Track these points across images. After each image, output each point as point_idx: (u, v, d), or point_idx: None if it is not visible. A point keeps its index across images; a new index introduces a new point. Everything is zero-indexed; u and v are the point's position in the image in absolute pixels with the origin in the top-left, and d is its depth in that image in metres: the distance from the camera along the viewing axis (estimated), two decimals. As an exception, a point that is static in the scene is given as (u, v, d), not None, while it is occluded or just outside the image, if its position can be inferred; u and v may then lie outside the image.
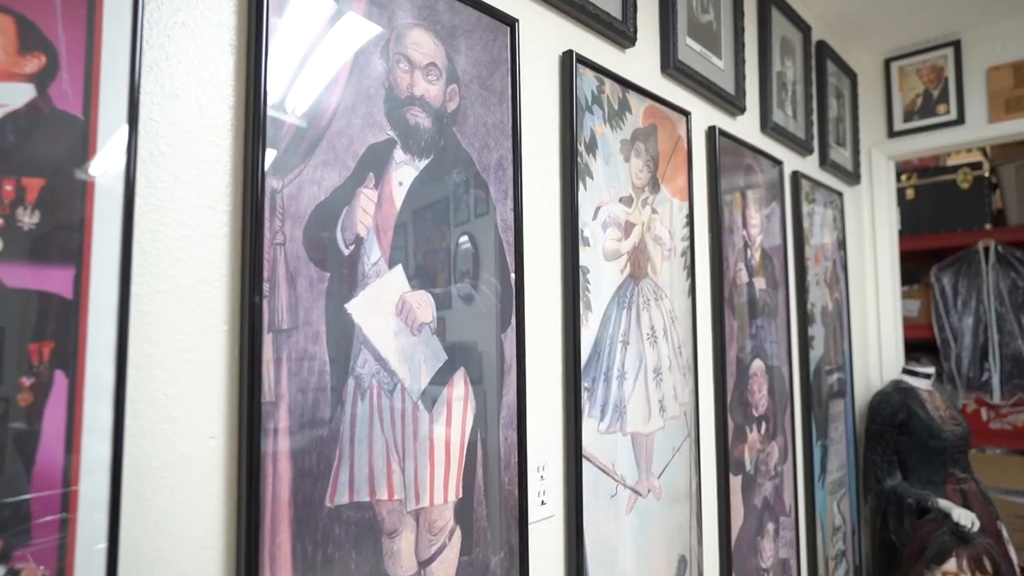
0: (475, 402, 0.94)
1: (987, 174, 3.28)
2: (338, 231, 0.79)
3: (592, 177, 1.19)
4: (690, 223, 1.46)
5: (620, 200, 1.26)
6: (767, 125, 1.85)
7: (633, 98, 1.31)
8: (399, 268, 0.85)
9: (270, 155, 0.73)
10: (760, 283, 1.73)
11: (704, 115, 1.59)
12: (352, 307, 0.80)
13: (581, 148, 1.17)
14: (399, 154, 0.87)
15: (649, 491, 1.27)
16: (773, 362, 1.77)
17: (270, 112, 0.73)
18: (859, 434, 2.39)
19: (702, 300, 1.52)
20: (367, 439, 0.80)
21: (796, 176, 2.00)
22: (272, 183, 0.73)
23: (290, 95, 0.75)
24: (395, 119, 0.87)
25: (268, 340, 0.71)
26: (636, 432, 1.25)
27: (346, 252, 0.80)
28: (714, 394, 1.54)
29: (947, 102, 2.44)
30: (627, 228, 1.27)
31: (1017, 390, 3.10)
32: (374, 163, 0.83)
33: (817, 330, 2.05)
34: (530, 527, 1.03)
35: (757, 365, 1.68)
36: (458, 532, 0.90)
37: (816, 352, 2.03)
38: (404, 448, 0.84)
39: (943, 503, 2.06)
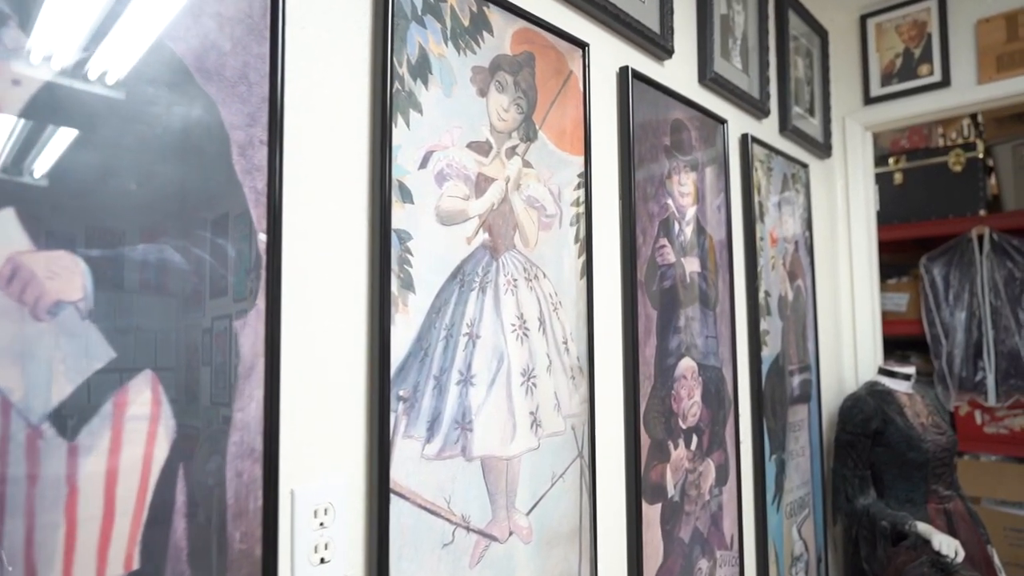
0: (174, 421, 0.63)
1: (981, 156, 2.99)
2: None
3: (421, 111, 0.88)
4: (586, 184, 1.14)
5: (469, 146, 0.94)
6: (706, 76, 1.54)
7: (496, 15, 1.00)
8: (9, 213, 0.54)
9: None
10: (691, 265, 1.41)
11: (612, 51, 1.27)
12: None
13: (403, 70, 0.86)
14: (15, 35, 0.55)
15: (511, 533, 0.95)
16: (709, 361, 1.45)
17: None
18: (827, 445, 2.08)
19: (605, 283, 1.20)
20: (-86, 489, 0.49)
21: (746, 140, 1.68)
22: None
23: None
24: (13, -17, 0.55)
25: None
26: (490, 456, 0.93)
27: None
28: (623, 402, 1.22)
29: (930, 62, 2.12)
30: (480, 183, 0.95)
31: (1014, 391, 2.79)
32: (-44, 45, 0.52)
33: (772, 324, 1.74)
34: (291, 600, 0.72)
35: (686, 365, 1.37)
36: (127, 624, 0.59)
37: (770, 349, 1.72)
38: (4, 500, 0.52)
39: (922, 527, 1.75)
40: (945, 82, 2.09)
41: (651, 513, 1.23)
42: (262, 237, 0.70)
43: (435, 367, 0.87)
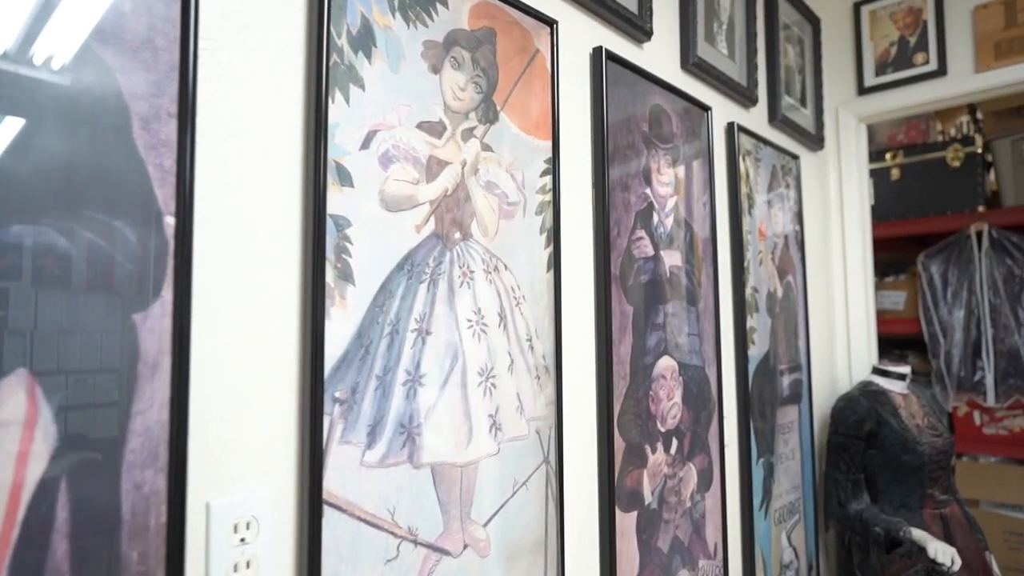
0: (56, 427, 0.55)
1: (980, 150, 2.91)
2: None
3: (363, 87, 0.80)
4: (553, 171, 1.07)
5: (419, 126, 0.87)
6: (689, 61, 1.46)
7: (451, -14, 0.92)
8: None
9: None
10: (672, 258, 1.34)
11: (584, 31, 1.20)
12: None
13: (342, 42, 0.79)
14: None
15: (465, 547, 0.88)
16: (692, 360, 1.37)
17: None
18: (819, 447, 2.00)
19: (575, 276, 1.13)
20: None
21: (732, 128, 1.61)
22: None
23: None
24: None
25: None
26: (442, 462, 0.86)
27: None
28: (596, 404, 1.15)
29: (926, 50, 2.05)
30: (432, 167, 0.88)
31: (1013, 391, 2.72)
32: None
33: (760, 321, 1.66)
34: (203, 626, 0.65)
35: (666, 364, 1.29)
36: (-8, 660, 0.51)
37: (758, 348, 1.64)
38: None
39: (917, 534, 1.67)
40: (941, 71, 2.01)
41: (626, 522, 1.16)
42: (170, 220, 0.63)
43: (378, 366, 0.79)
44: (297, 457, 0.73)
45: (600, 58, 1.19)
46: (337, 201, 0.77)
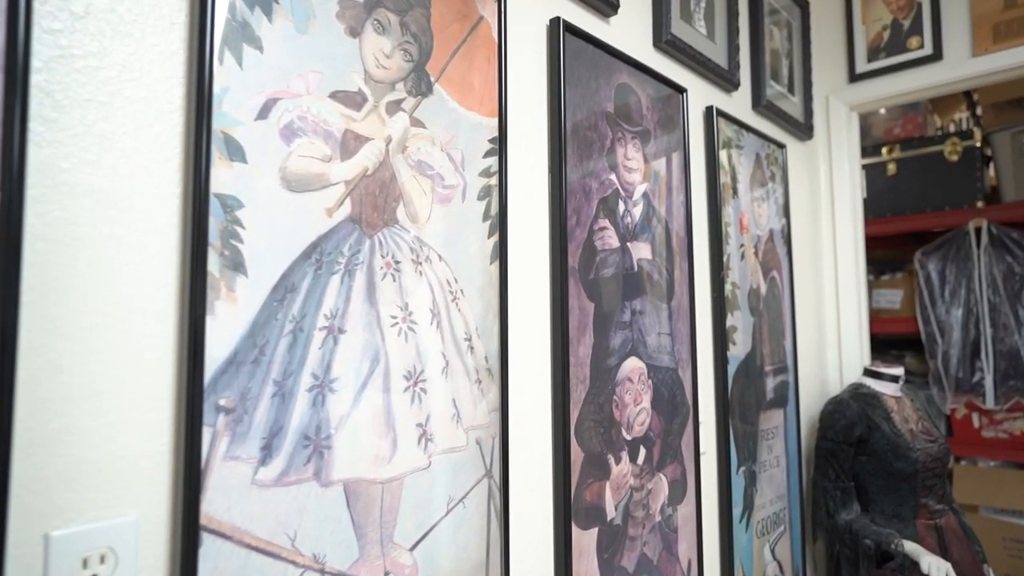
0: None
1: (979, 144, 2.81)
2: None
3: (260, 49, 0.70)
4: (500, 151, 0.96)
5: (333, 96, 0.76)
6: (662, 38, 1.36)
7: (375, -60, 0.82)
8: None
9: None
10: (640, 251, 1.23)
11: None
12: None
13: (234, -6, 0.68)
14: None
15: (386, 574, 0.77)
16: (663, 362, 1.27)
17: None
18: (807, 453, 1.89)
19: (526, 269, 1.02)
20: None
21: (711, 113, 1.50)
22: None
23: None
24: None
25: None
26: (357, 479, 0.75)
27: None
28: (551, 410, 1.04)
29: (920, 33, 1.94)
30: (349, 142, 0.77)
31: (1013, 392, 2.61)
32: None
33: (742, 320, 1.55)
34: None
35: (633, 366, 1.18)
36: None
37: (740, 348, 1.53)
38: None
39: (910, 547, 1.57)
40: (937, 55, 1.91)
41: (584, 540, 1.05)
42: (-8, 196, 0.52)
43: (276, 369, 0.69)
44: (171, 476, 0.63)
45: (558, 30, 1.08)
46: (225, 178, 0.66)
